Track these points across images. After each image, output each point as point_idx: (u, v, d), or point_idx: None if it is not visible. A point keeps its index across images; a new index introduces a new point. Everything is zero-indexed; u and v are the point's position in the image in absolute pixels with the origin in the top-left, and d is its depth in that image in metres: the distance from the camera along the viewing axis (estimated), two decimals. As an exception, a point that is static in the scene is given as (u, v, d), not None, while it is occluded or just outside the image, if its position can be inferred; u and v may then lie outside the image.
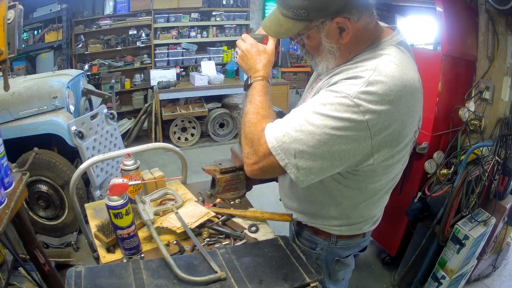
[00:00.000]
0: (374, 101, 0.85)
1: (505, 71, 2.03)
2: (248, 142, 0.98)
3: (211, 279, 1.00)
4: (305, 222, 1.24)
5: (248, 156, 0.97)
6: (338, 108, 0.85)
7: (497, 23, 1.99)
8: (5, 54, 1.51)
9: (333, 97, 0.87)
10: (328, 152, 0.88)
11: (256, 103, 1.03)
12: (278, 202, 1.72)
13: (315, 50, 1.01)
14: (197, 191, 1.52)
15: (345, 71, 0.94)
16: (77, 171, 1.38)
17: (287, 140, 0.89)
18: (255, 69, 1.09)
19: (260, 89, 1.06)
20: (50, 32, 4.38)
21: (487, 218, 2.05)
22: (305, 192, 1.17)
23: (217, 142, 4.96)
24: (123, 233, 1.10)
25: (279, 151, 0.90)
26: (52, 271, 1.68)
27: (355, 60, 0.97)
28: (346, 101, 0.85)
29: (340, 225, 1.18)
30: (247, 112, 1.03)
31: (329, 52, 0.98)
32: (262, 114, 1.01)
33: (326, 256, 1.24)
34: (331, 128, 0.86)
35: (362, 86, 0.86)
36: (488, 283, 2.49)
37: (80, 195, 2.61)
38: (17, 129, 2.64)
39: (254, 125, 0.99)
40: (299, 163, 0.90)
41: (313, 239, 1.24)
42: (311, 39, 0.98)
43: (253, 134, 0.97)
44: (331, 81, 0.95)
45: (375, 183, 1.06)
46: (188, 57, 5.20)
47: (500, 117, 2.08)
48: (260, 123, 0.98)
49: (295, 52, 5.56)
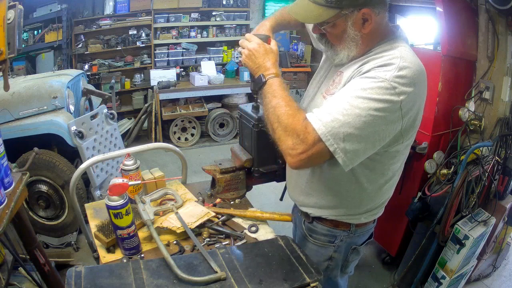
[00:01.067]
0: (406, 84, 0.95)
1: (505, 71, 2.03)
2: (291, 133, 0.98)
3: (211, 279, 1.00)
4: (325, 216, 1.26)
5: (293, 147, 0.98)
6: (378, 91, 0.93)
7: (497, 23, 1.99)
8: (5, 54, 1.51)
9: (372, 83, 0.95)
10: (372, 133, 0.96)
11: (284, 97, 1.05)
12: (278, 202, 1.73)
13: (337, 38, 1.08)
14: (197, 191, 1.52)
15: (372, 61, 1.02)
16: (77, 171, 1.38)
17: (336, 125, 0.94)
18: (265, 67, 1.11)
19: (279, 85, 1.08)
20: (50, 32, 4.37)
21: (487, 218, 2.05)
22: (330, 183, 1.20)
23: (217, 142, 4.96)
24: (123, 233, 1.10)
25: (328, 136, 0.94)
26: (52, 271, 1.68)
27: (375, 51, 1.06)
28: (384, 84, 0.94)
29: (362, 212, 1.24)
30: (277, 105, 1.03)
31: (352, 40, 1.05)
32: (295, 106, 1.03)
33: (344, 247, 1.30)
34: (374, 109, 0.93)
35: (395, 71, 0.95)
36: (488, 283, 2.49)
37: (80, 195, 2.61)
38: (17, 129, 2.64)
39: (293, 116, 1.00)
40: (347, 147, 0.95)
41: (332, 233, 1.27)
42: (336, 27, 1.05)
43: (296, 124, 0.98)
44: (363, 69, 1.01)
45: (395, 163, 1.16)
46: (188, 57, 5.20)
47: (500, 117, 2.08)
48: (299, 113, 1.01)
49: (295, 52, 5.56)
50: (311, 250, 1.32)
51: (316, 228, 1.30)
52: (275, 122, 1.02)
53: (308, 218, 1.32)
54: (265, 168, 1.44)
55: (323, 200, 1.24)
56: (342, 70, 1.12)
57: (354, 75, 1.04)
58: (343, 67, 1.13)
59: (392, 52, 1.01)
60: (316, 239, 1.31)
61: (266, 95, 1.08)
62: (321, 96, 1.19)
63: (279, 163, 1.45)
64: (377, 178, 1.17)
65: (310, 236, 1.32)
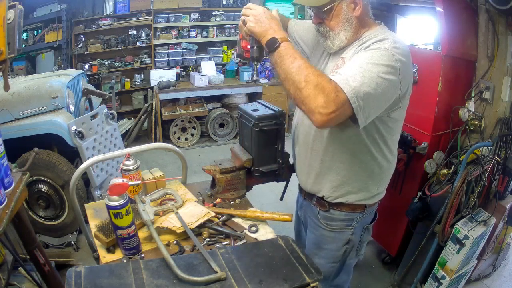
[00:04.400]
0: (401, 54, 1.10)
1: (505, 71, 2.03)
2: (321, 92, 1.02)
3: (211, 279, 1.00)
4: (348, 202, 1.35)
5: (325, 105, 1.01)
6: (383, 58, 1.08)
7: (497, 23, 1.99)
8: (5, 54, 1.51)
9: (376, 52, 1.09)
10: (381, 94, 1.08)
11: (303, 58, 1.09)
12: (278, 202, 1.73)
13: (335, 22, 1.21)
14: (197, 191, 1.52)
15: (368, 41, 1.17)
16: (77, 171, 1.39)
17: (357, 85, 1.03)
18: (275, 29, 1.14)
19: (294, 47, 1.12)
20: (50, 32, 4.38)
21: (487, 218, 2.05)
22: (357, 167, 1.30)
23: (217, 142, 4.96)
24: (123, 233, 1.10)
25: (353, 95, 1.02)
26: (52, 271, 1.68)
27: (367, 36, 1.20)
28: (386, 52, 1.09)
29: (376, 193, 1.37)
30: (301, 65, 1.06)
31: (348, 22, 1.21)
32: (311, 66, 1.08)
33: (359, 228, 1.41)
34: (383, 72, 1.06)
35: (391, 43, 1.11)
36: (488, 283, 2.49)
37: (80, 195, 2.61)
38: (17, 129, 2.64)
39: (321, 75, 1.05)
40: (364, 105, 1.05)
41: (349, 217, 1.37)
42: (334, 12, 1.19)
43: (325, 83, 1.03)
44: (363, 46, 1.16)
45: (396, 133, 1.32)
46: (188, 57, 5.20)
47: (500, 117, 2.08)
48: (323, 73, 1.07)
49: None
50: (328, 238, 1.41)
51: (333, 215, 1.38)
52: (302, 82, 1.04)
53: (324, 207, 1.39)
54: (265, 168, 1.43)
55: (345, 188, 1.33)
56: (343, 55, 1.23)
57: (358, 51, 1.16)
58: (343, 53, 1.25)
59: (384, 35, 1.18)
60: (334, 226, 1.39)
61: (283, 57, 1.09)
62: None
63: (279, 162, 1.45)
64: (389, 154, 1.32)
65: (326, 225, 1.40)
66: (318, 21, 1.26)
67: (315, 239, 1.46)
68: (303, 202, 1.52)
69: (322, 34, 1.27)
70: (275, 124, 1.39)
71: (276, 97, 4.97)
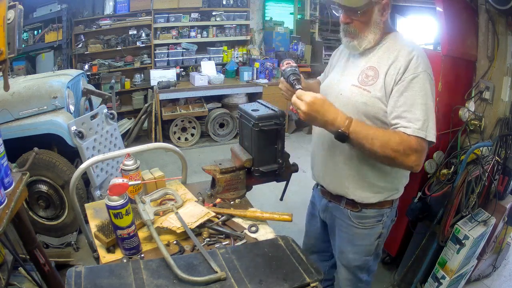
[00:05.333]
0: (429, 67, 1.24)
1: (505, 71, 2.03)
2: (411, 152, 1.17)
3: (211, 279, 1.00)
4: (378, 201, 1.41)
5: (417, 161, 1.20)
6: (426, 84, 1.21)
7: (497, 23, 1.99)
8: (5, 54, 1.51)
9: (421, 81, 1.20)
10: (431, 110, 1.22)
11: (376, 131, 1.19)
12: (278, 202, 1.73)
13: (365, 24, 1.27)
14: (197, 191, 1.52)
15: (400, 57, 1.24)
16: (77, 171, 1.39)
17: (427, 124, 1.18)
18: (335, 119, 1.15)
19: (361, 125, 1.18)
20: (50, 32, 4.38)
21: (487, 218, 2.05)
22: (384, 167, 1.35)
23: (217, 142, 4.96)
24: (123, 233, 1.10)
25: (429, 134, 1.19)
26: (52, 271, 1.68)
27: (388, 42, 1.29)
28: (426, 76, 1.21)
29: (401, 188, 1.46)
30: (382, 143, 1.16)
31: (376, 26, 1.27)
32: (390, 131, 1.21)
33: (388, 221, 1.49)
34: (431, 95, 1.23)
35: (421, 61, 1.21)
36: (488, 283, 2.49)
37: (80, 195, 2.61)
38: (17, 129, 2.64)
39: (401, 139, 1.17)
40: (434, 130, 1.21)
41: (380, 213, 1.44)
42: (366, 14, 1.25)
43: (409, 143, 1.16)
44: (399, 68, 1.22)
45: None
46: (188, 57, 5.20)
47: (500, 117, 2.08)
48: (399, 133, 1.18)
49: (295, 52, 5.56)
50: (361, 235, 1.47)
51: (365, 214, 1.43)
52: (391, 153, 1.16)
53: (355, 208, 1.43)
54: (265, 168, 1.43)
55: (381, 187, 1.39)
56: (373, 65, 1.29)
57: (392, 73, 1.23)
58: (368, 58, 1.31)
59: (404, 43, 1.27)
60: (366, 223, 1.45)
61: (360, 142, 1.17)
62: (351, 85, 1.33)
63: (279, 162, 1.45)
64: None
65: (359, 223, 1.45)
66: (347, 20, 1.29)
67: (348, 238, 1.50)
68: (328, 204, 1.54)
69: (350, 34, 1.31)
70: (275, 124, 1.39)
71: (276, 97, 4.96)
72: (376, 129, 1.21)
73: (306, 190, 1.93)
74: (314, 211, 1.68)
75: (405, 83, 1.21)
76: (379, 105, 1.25)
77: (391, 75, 1.24)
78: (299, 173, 1.56)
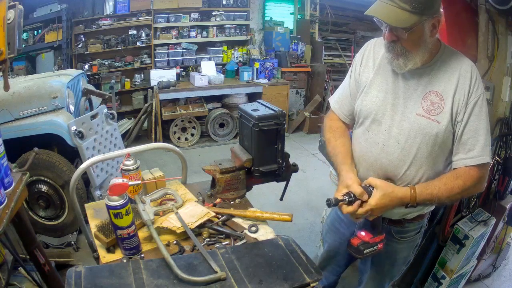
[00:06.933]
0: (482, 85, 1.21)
1: (505, 71, 2.03)
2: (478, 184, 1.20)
3: (211, 279, 1.00)
4: (420, 213, 1.40)
5: (483, 187, 1.23)
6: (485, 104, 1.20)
7: (497, 23, 1.99)
8: (5, 54, 1.51)
9: (484, 103, 1.19)
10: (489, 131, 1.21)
11: (438, 184, 1.19)
12: (278, 202, 1.73)
13: (414, 44, 1.16)
14: (197, 191, 1.52)
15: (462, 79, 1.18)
16: (77, 171, 1.38)
17: (487, 149, 1.18)
18: (399, 198, 1.18)
19: (424, 186, 1.20)
20: (50, 32, 4.38)
21: (487, 218, 2.05)
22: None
23: (217, 142, 4.96)
24: (123, 233, 1.10)
25: (488, 158, 1.19)
26: (52, 271, 1.68)
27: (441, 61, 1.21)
28: (484, 97, 1.20)
29: None
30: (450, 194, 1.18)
31: (425, 46, 1.17)
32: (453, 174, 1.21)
33: (424, 231, 1.51)
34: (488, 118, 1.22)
35: (478, 82, 1.18)
36: (488, 283, 2.49)
37: (80, 195, 2.61)
38: (17, 129, 2.64)
39: (466, 177, 1.18)
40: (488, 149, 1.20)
41: (420, 224, 1.45)
42: (414, 33, 1.13)
43: (474, 177, 1.18)
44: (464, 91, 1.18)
45: None
46: (188, 57, 5.21)
47: (500, 117, 2.08)
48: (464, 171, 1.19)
49: (295, 52, 5.56)
50: (401, 249, 1.47)
51: (407, 228, 1.43)
52: (459, 196, 1.21)
53: (399, 224, 1.41)
54: (265, 168, 1.44)
55: None
56: (435, 89, 1.20)
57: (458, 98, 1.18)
58: (430, 83, 1.21)
59: (458, 59, 1.21)
60: (407, 237, 1.44)
61: (427, 203, 1.23)
62: (416, 115, 1.23)
63: (279, 162, 1.45)
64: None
65: (400, 238, 1.44)
66: (393, 38, 1.17)
67: (386, 253, 1.44)
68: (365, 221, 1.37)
69: (395, 52, 1.19)
70: (275, 124, 1.39)
71: (276, 97, 4.98)
72: (438, 183, 1.19)
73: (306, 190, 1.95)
74: (342, 229, 1.57)
75: (469, 109, 1.18)
76: (450, 136, 1.22)
77: (458, 101, 1.18)
78: (299, 173, 1.56)
